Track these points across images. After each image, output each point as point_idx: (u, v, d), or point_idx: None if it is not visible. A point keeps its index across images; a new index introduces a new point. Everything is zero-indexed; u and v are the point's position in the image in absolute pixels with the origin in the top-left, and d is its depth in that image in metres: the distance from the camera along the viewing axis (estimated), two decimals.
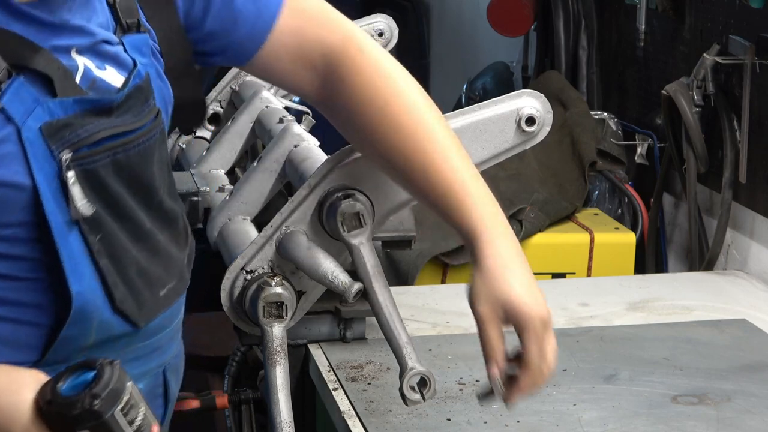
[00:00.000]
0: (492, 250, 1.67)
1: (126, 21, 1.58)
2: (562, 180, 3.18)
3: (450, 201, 1.70)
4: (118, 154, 1.49)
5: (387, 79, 1.73)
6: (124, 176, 1.51)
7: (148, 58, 1.59)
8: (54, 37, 1.46)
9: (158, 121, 1.57)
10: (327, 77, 1.73)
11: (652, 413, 1.97)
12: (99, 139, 1.47)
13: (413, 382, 1.74)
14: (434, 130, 1.71)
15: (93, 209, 1.47)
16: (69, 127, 1.44)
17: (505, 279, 1.65)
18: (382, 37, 2.62)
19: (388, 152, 1.73)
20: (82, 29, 1.50)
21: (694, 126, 2.88)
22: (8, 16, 1.42)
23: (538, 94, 1.91)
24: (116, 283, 1.52)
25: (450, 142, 1.71)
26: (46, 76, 1.43)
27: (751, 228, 2.83)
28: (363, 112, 1.72)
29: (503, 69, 4.30)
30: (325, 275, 1.86)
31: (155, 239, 1.58)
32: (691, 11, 3.07)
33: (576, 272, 2.96)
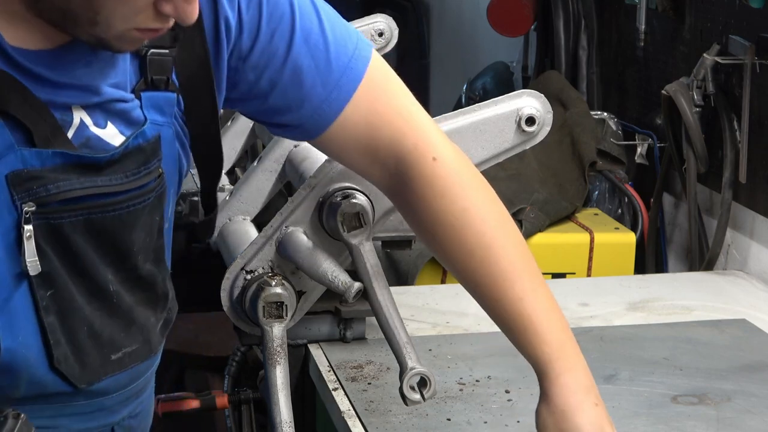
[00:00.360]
0: (560, 386, 1.62)
1: (152, 76, 1.50)
2: (562, 180, 3.18)
3: (519, 332, 1.63)
4: (93, 215, 1.44)
5: (456, 197, 1.62)
6: (95, 236, 1.46)
7: (169, 119, 1.52)
8: (54, 91, 1.41)
9: (158, 184, 1.51)
10: (398, 179, 1.64)
11: (652, 413, 1.97)
12: (73, 197, 1.42)
13: (413, 382, 1.74)
14: (505, 256, 1.62)
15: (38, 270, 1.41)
16: (39, 179, 1.40)
17: (573, 419, 1.60)
18: (382, 37, 2.62)
19: (459, 273, 1.67)
20: (89, 88, 1.44)
21: (694, 126, 2.88)
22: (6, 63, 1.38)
23: (538, 94, 1.91)
24: (59, 342, 1.46)
25: (522, 266, 1.63)
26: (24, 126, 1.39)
27: (751, 228, 2.83)
28: (431, 228, 1.64)
29: (503, 69, 4.30)
30: (325, 275, 1.86)
31: (119, 301, 1.52)
32: (691, 11, 3.07)
33: (576, 272, 2.96)
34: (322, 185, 1.89)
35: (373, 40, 2.61)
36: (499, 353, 2.22)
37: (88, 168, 1.42)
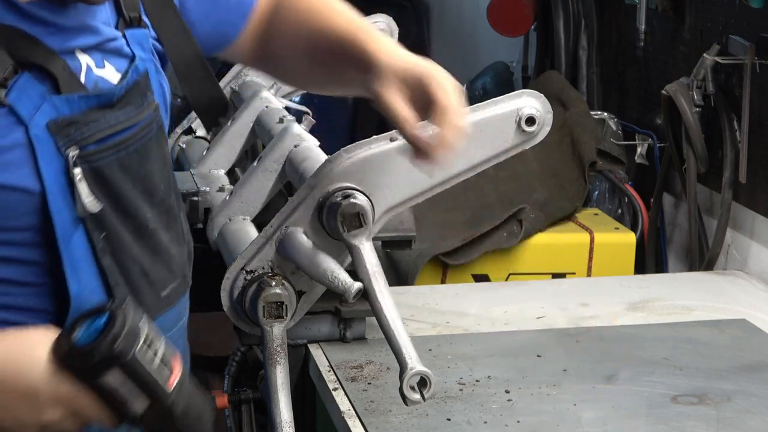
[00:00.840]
0: (384, 49, 1.71)
1: (129, 14, 1.58)
2: (562, 180, 3.18)
3: (346, 40, 1.74)
4: (121, 152, 1.50)
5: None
6: (127, 174, 1.51)
7: (148, 54, 1.59)
8: (59, 37, 1.46)
9: (156, 116, 1.57)
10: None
11: (652, 413, 1.97)
12: (103, 137, 1.47)
13: (413, 382, 1.74)
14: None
15: (100, 206, 1.47)
16: (75, 124, 1.45)
17: (400, 56, 1.69)
18: None
19: (295, 32, 1.80)
20: (87, 28, 1.50)
21: (694, 126, 2.88)
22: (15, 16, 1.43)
23: (538, 94, 1.91)
24: (118, 283, 1.52)
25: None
26: (51, 73, 1.44)
27: (751, 228, 2.83)
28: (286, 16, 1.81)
29: (503, 69, 4.30)
30: (325, 275, 1.86)
31: (157, 238, 1.58)
32: (691, 11, 3.07)
33: (576, 272, 2.96)
34: (322, 185, 1.89)
35: None
36: (499, 353, 2.23)
37: (105, 108, 1.48)
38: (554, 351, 2.24)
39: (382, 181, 1.88)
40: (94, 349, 1.34)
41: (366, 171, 1.88)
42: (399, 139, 1.87)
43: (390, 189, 1.89)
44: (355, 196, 1.86)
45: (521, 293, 2.60)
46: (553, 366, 2.16)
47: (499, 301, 2.53)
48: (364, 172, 1.88)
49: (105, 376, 1.35)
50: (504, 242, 2.94)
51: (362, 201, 1.86)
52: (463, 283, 2.89)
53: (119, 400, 1.36)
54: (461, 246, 2.90)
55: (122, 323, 1.35)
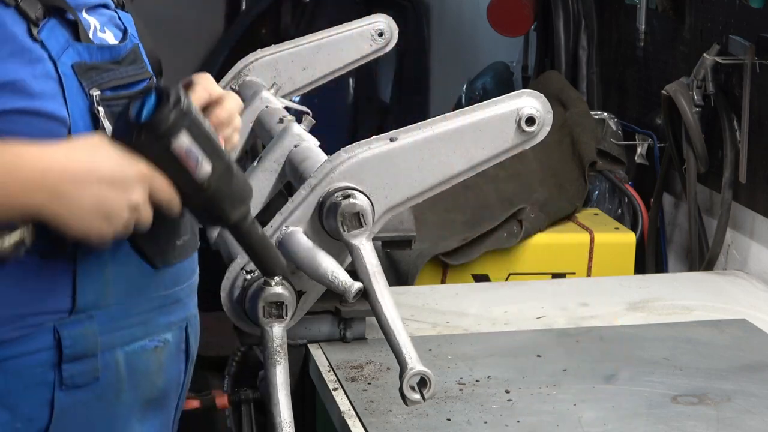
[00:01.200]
0: None
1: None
2: (562, 180, 3.18)
3: None
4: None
5: None
6: None
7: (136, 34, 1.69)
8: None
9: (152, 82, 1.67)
10: None
11: (652, 413, 1.97)
12: (119, 85, 1.58)
13: (413, 382, 1.73)
14: None
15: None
16: (95, 69, 1.56)
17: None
18: (382, 37, 2.62)
19: None
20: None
21: (694, 126, 2.88)
22: None
23: (538, 94, 1.91)
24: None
25: None
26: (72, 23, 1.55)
27: (751, 228, 2.83)
28: None
29: (503, 69, 4.30)
30: (325, 275, 1.86)
31: None
32: (691, 11, 3.07)
33: (576, 272, 2.96)
34: (322, 185, 1.89)
35: (373, 40, 2.61)
36: (499, 353, 2.23)
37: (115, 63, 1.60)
38: (554, 351, 2.24)
39: (382, 181, 1.88)
40: (163, 115, 1.46)
41: (366, 171, 1.88)
42: (399, 139, 1.88)
43: (390, 189, 1.89)
44: (355, 196, 1.86)
45: (521, 293, 2.60)
46: (553, 366, 2.16)
47: (499, 301, 2.53)
48: (364, 172, 1.88)
49: (176, 140, 1.47)
50: (504, 242, 2.94)
51: (362, 201, 1.86)
52: (463, 283, 2.89)
53: (191, 163, 1.49)
54: (461, 246, 2.90)
55: (176, 91, 1.47)
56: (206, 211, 1.59)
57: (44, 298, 1.54)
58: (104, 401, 1.61)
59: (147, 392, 1.68)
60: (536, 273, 2.96)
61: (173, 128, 1.47)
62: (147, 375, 1.67)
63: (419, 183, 1.90)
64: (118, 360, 1.62)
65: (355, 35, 2.62)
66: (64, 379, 1.56)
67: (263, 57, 2.62)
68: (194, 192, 1.53)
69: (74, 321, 1.56)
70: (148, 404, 1.69)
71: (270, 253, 1.72)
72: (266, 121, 2.40)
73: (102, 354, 1.59)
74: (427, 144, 1.88)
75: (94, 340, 1.58)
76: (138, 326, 1.64)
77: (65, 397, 1.57)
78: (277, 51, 2.62)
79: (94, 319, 1.57)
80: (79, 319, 1.56)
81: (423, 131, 1.88)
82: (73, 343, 1.56)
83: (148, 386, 1.68)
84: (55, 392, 1.56)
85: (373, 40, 2.61)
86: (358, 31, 2.62)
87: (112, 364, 1.61)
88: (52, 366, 1.56)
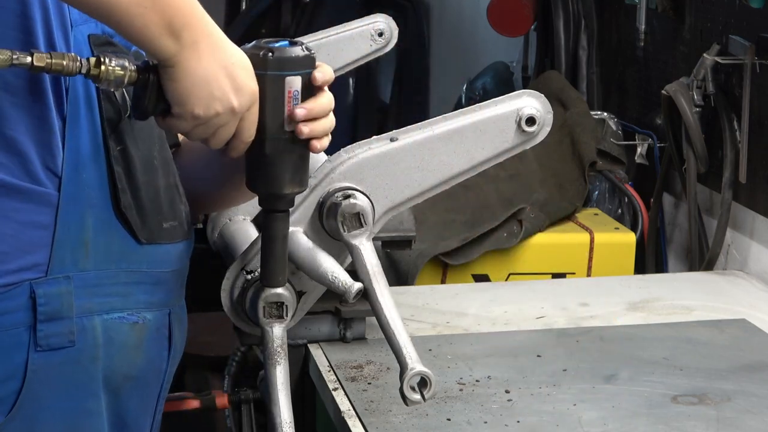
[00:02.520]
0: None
1: None
2: (562, 180, 3.18)
3: None
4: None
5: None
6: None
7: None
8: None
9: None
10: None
11: (652, 413, 1.97)
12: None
13: (413, 382, 1.73)
14: None
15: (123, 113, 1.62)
16: (109, 45, 1.62)
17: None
18: (382, 37, 2.62)
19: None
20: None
21: (694, 126, 2.88)
22: None
23: (538, 94, 1.91)
24: (125, 190, 1.64)
25: None
26: None
27: (751, 228, 2.83)
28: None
29: (503, 69, 4.29)
30: (325, 275, 1.86)
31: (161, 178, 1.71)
32: (691, 11, 3.07)
33: (576, 272, 2.96)
34: (322, 185, 1.89)
35: (373, 40, 2.61)
36: (499, 353, 2.23)
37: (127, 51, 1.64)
38: (554, 351, 2.24)
39: (382, 181, 1.88)
40: (293, 51, 1.59)
41: (366, 171, 1.88)
42: (399, 139, 1.88)
43: (390, 189, 1.89)
44: (355, 196, 1.86)
45: (521, 293, 2.60)
46: (553, 366, 2.16)
47: (499, 301, 2.53)
48: (364, 172, 1.88)
49: (291, 77, 1.59)
50: (504, 242, 2.94)
51: (362, 201, 1.86)
52: (463, 283, 2.89)
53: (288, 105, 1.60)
54: (461, 246, 2.90)
55: (308, 47, 1.60)
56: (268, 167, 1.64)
57: (22, 255, 1.56)
58: (80, 367, 1.62)
59: (125, 367, 1.69)
60: (536, 273, 2.95)
61: (295, 64, 1.59)
62: (124, 349, 1.68)
63: (419, 183, 1.90)
64: (96, 327, 1.63)
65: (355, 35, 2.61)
66: (39, 339, 1.58)
67: None
68: (275, 136, 1.61)
69: (50, 281, 1.57)
70: (126, 380, 1.70)
71: (278, 264, 1.74)
72: None
73: (79, 319, 1.61)
74: (427, 144, 1.88)
75: (69, 302, 1.60)
76: (116, 297, 1.65)
77: (39, 359, 1.58)
78: None
79: (71, 281, 1.59)
80: (56, 279, 1.57)
81: (423, 131, 1.88)
82: (47, 301, 1.57)
83: (126, 361, 1.69)
84: (30, 354, 1.57)
85: (373, 40, 2.61)
86: (358, 31, 2.62)
87: (89, 330, 1.62)
88: (28, 327, 1.57)
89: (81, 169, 1.60)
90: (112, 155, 1.63)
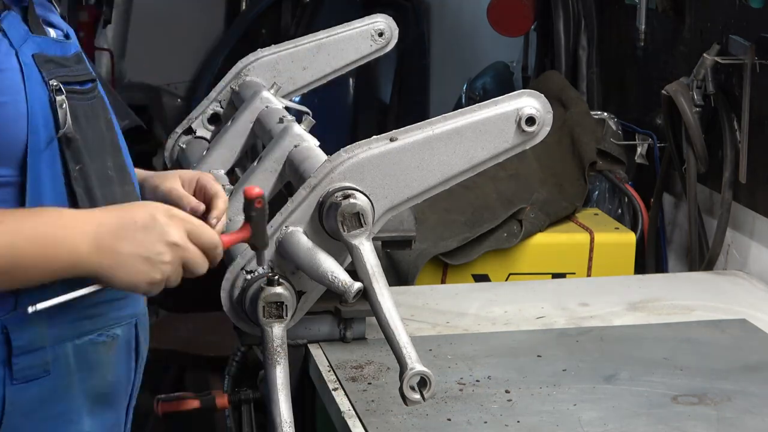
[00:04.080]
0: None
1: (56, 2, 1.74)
2: (562, 180, 3.18)
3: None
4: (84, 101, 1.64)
5: None
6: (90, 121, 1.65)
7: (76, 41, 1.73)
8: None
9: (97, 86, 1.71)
10: None
11: (652, 413, 1.97)
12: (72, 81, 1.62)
13: (413, 382, 1.74)
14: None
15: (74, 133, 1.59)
16: (52, 62, 1.60)
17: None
18: (382, 37, 2.62)
19: None
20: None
21: (694, 126, 2.88)
22: None
23: (538, 94, 1.91)
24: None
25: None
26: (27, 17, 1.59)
27: (751, 228, 2.83)
28: None
29: (503, 69, 4.30)
30: (325, 275, 1.86)
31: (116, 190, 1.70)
32: (691, 11, 3.07)
33: (576, 272, 2.96)
34: (322, 185, 1.89)
35: (373, 40, 2.61)
36: (499, 353, 2.23)
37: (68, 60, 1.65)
38: (554, 351, 2.24)
39: (382, 181, 1.88)
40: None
41: (366, 171, 1.88)
42: (399, 139, 1.88)
43: (390, 189, 1.89)
44: (355, 196, 1.86)
45: (521, 293, 2.60)
46: (553, 366, 2.16)
47: (499, 301, 2.53)
48: (364, 172, 1.88)
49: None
50: (504, 242, 2.94)
51: (362, 201, 1.86)
52: (463, 283, 2.89)
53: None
54: (461, 246, 2.90)
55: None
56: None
57: None
58: (55, 395, 1.63)
59: (97, 386, 1.69)
60: (536, 273, 2.96)
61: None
62: (97, 368, 1.68)
63: (419, 183, 1.90)
64: (68, 353, 1.63)
65: (355, 35, 2.62)
66: (15, 373, 1.58)
67: (263, 57, 2.62)
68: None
69: (21, 315, 1.57)
70: (98, 399, 1.70)
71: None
72: (266, 121, 2.41)
73: (52, 347, 1.61)
74: (427, 144, 1.88)
75: (42, 333, 1.59)
76: (87, 320, 1.65)
77: (17, 392, 1.58)
78: (277, 51, 2.63)
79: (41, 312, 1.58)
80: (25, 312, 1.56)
81: (423, 131, 1.88)
82: (20, 335, 1.57)
83: (98, 380, 1.69)
84: (6, 388, 1.57)
85: (373, 40, 2.61)
86: (358, 31, 2.62)
87: (62, 358, 1.63)
88: (2, 362, 1.57)
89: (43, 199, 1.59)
90: (72, 177, 1.62)
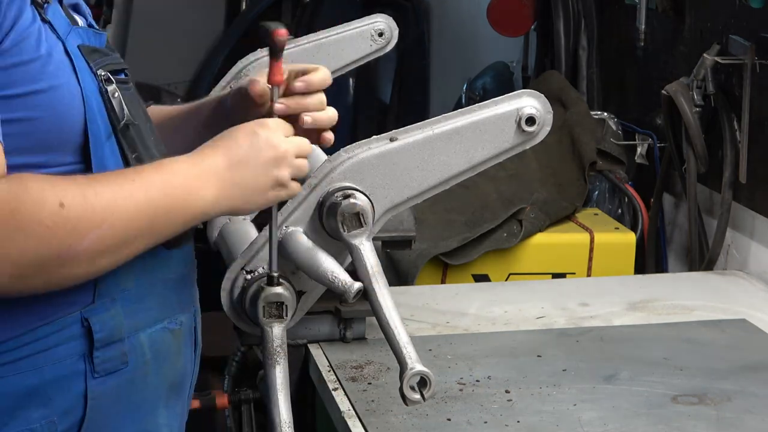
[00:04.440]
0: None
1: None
2: (562, 180, 3.18)
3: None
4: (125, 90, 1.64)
5: None
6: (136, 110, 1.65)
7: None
8: None
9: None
10: None
11: (652, 413, 1.97)
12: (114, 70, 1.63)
13: (413, 382, 1.73)
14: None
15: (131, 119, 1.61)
16: (97, 52, 1.61)
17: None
18: (382, 37, 2.62)
19: None
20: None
21: (694, 126, 2.88)
22: None
23: (538, 94, 1.91)
24: None
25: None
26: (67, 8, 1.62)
27: (751, 228, 2.83)
28: None
29: (503, 69, 4.30)
30: (325, 275, 1.86)
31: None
32: (691, 11, 3.07)
33: (576, 272, 2.96)
34: (322, 185, 1.89)
35: (373, 40, 2.61)
36: (499, 353, 2.23)
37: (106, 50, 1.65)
38: (554, 351, 2.24)
39: (382, 181, 1.88)
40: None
41: (366, 171, 1.88)
42: (399, 139, 1.88)
43: (390, 189, 1.89)
44: (355, 196, 1.86)
45: (521, 293, 2.60)
46: (553, 366, 2.16)
47: (499, 301, 2.53)
48: (364, 172, 1.88)
49: None
50: (504, 242, 2.94)
51: (362, 201, 1.86)
52: (463, 283, 2.89)
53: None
54: (461, 246, 2.90)
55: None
56: None
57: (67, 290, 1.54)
58: (134, 386, 1.63)
59: (170, 376, 1.70)
60: (536, 273, 2.96)
61: None
62: (168, 357, 1.69)
63: (419, 183, 1.90)
64: (143, 343, 1.64)
65: (355, 35, 2.62)
66: (96, 366, 1.58)
67: (263, 57, 2.62)
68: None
69: (99, 306, 1.57)
70: (171, 388, 1.71)
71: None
72: None
73: (128, 338, 1.61)
74: (427, 144, 1.88)
75: (120, 324, 1.60)
76: (156, 308, 1.66)
77: (98, 386, 1.58)
78: None
79: (117, 303, 1.59)
80: (104, 303, 1.57)
81: (423, 131, 1.88)
82: (102, 327, 1.57)
83: (171, 369, 1.70)
84: (88, 382, 1.57)
85: (373, 40, 2.61)
86: (358, 31, 2.62)
87: (138, 348, 1.63)
88: (82, 356, 1.57)
89: None
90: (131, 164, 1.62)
